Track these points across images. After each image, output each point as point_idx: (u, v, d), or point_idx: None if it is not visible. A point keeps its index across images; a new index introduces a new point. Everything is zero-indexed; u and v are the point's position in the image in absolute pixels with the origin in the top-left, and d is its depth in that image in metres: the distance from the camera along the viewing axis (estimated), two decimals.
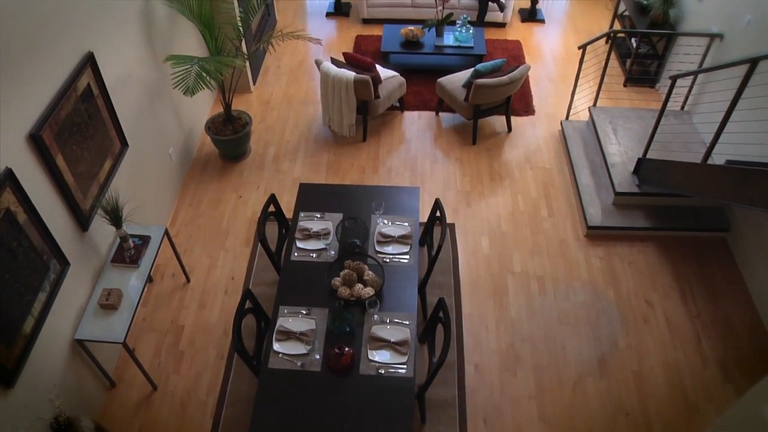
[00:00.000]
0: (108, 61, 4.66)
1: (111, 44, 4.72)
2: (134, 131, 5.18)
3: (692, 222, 5.95)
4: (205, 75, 5.29)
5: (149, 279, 5.47)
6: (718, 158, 5.69)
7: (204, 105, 7.15)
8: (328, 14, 9.47)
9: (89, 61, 4.29)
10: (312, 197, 5.12)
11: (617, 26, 8.62)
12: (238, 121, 6.58)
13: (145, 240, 4.77)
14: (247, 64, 7.35)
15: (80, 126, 4.23)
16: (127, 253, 4.63)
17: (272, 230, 5.99)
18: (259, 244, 5.13)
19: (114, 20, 4.77)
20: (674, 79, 5.51)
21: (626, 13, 8.30)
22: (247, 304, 4.26)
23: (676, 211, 6.03)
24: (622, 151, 6.34)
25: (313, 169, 6.69)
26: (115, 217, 4.41)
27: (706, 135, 6.28)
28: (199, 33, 6.39)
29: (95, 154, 4.46)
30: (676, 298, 5.46)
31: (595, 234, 5.99)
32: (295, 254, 4.62)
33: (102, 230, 4.66)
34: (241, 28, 6.33)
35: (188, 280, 5.57)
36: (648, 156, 5.97)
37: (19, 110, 3.57)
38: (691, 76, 6.36)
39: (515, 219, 6.15)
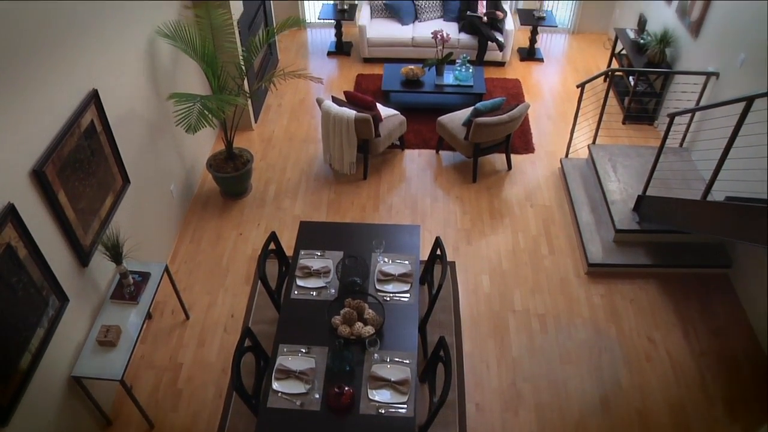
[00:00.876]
0: (112, 98, 4.73)
1: (115, 81, 4.79)
2: (136, 168, 5.22)
3: (694, 258, 5.95)
4: (207, 113, 5.35)
5: (148, 316, 5.45)
6: (717, 195, 5.73)
7: (205, 142, 7.21)
8: (329, 53, 9.61)
9: (93, 98, 4.35)
10: (312, 235, 5.13)
11: (615, 65, 8.75)
12: (239, 159, 6.63)
13: (144, 277, 4.77)
14: (249, 102, 7.44)
15: (83, 162, 4.26)
16: (127, 290, 4.63)
17: (272, 268, 5.99)
18: (259, 281, 5.13)
19: (119, 58, 4.85)
20: (672, 116, 5.58)
21: (623, 52, 8.43)
22: (247, 342, 4.24)
23: (677, 247, 6.03)
24: (621, 188, 6.38)
25: (313, 206, 6.72)
26: (116, 253, 4.42)
27: (705, 172, 6.32)
28: (202, 71, 6.47)
29: (97, 190, 4.49)
30: (679, 336, 5.43)
31: (596, 271, 5.99)
32: (295, 292, 4.62)
33: (102, 266, 4.67)
34: (243, 67, 6.42)
35: (187, 318, 5.54)
36: (648, 193, 6.00)
37: (23, 146, 3.61)
38: (689, 114, 6.43)
39: (516, 257, 6.16)
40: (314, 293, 4.61)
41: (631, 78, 8.02)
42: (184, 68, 6.36)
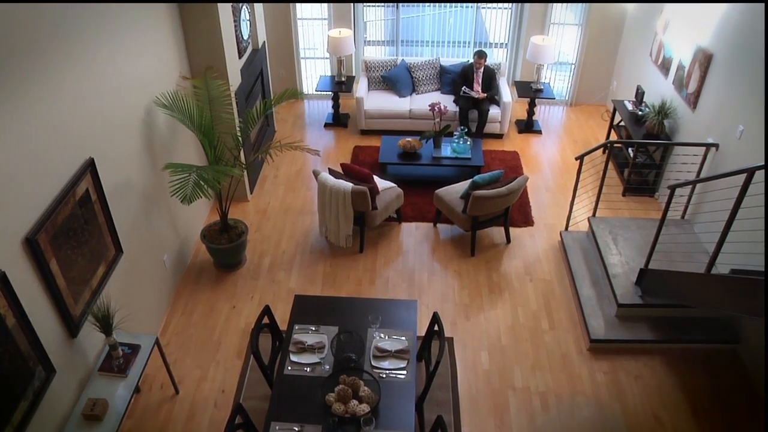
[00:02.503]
0: (108, 167, 4.85)
1: (112, 151, 4.93)
2: (129, 237, 5.30)
3: (700, 334, 5.96)
4: (203, 184, 5.46)
5: (137, 389, 5.39)
6: (722, 268, 5.76)
7: (200, 213, 7.32)
8: (326, 125, 9.85)
9: (89, 167, 4.47)
10: (307, 309, 5.16)
11: (614, 136, 8.96)
12: (234, 230, 6.72)
13: (134, 349, 4.77)
14: (245, 173, 7.58)
15: (76, 231, 4.34)
16: (116, 362, 4.62)
17: (265, 342, 5.97)
18: (252, 356, 5.12)
19: (116, 128, 5.00)
20: (673, 188, 5.69)
21: (622, 123, 8.65)
22: (238, 419, 4.20)
23: (682, 322, 6.05)
24: (623, 261, 6.44)
25: (308, 280, 6.76)
26: (106, 324, 4.44)
27: (708, 244, 6.40)
28: (198, 141, 6.62)
29: (89, 259, 4.55)
30: (687, 414, 5.38)
31: (599, 347, 5.98)
32: (289, 368, 4.61)
33: (91, 337, 4.67)
34: (240, 138, 6.58)
35: (177, 392, 5.50)
36: (650, 266, 6.06)
37: (17, 214, 3.69)
38: (690, 186, 6.55)
39: (515, 332, 6.16)
40: (308, 369, 4.61)
41: (630, 150, 8.20)
42: (181, 138, 6.52)
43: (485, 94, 9.14)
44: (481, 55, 9.07)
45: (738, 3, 6.33)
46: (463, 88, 9.16)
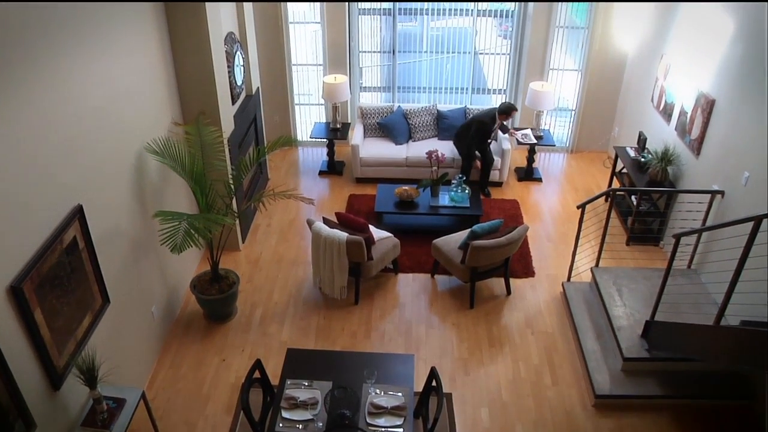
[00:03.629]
0: (96, 214, 4.91)
1: (101, 197, 5.00)
2: (117, 287, 5.32)
3: (711, 389, 5.94)
4: (193, 232, 5.51)
5: None
6: (732, 319, 5.77)
7: (190, 262, 7.35)
8: (320, 173, 9.96)
9: (78, 214, 4.53)
10: (300, 363, 5.16)
11: (616, 184, 9.09)
12: (225, 281, 6.74)
13: (119, 403, 4.74)
14: (237, 222, 7.63)
15: (62, 279, 4.37)
16: (100, 417, 4.59)
17: (256, 397, 5.92)
18: (242, 412, 5.09)
19: (106, 174, 5.08)
20: (678, 237, 5.73)
21: (624, 170, 8.75)
22: None
23: (692, 377, 6.04)
24: (628, 313, 6.46)
25: (301, 332, 6.75)
26: (90, 377, 4.43)
27: (717, 295, 6.42)
28: (189, 189, 6.69)
29: (75, 308, 4.56)
30: None
31: (604, 403, 5.95)
32: (280, 425, 4.59)
33: (75, 390, 4.66)
34: (232, 186, 6.65)
35: None
36: (656, 318, 6.06)
37: (2, 261, 3.73)
38: (696, 234, 6.57)
39: (517, 388, 6.14)
40: (300, 426, 4.59)
41: (633, 197, 8.30)
42: (172, 185, 6.60)
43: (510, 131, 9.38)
44: (509, 111, 8.91)
45: (739, 43, 6.51)
46: (508, 129, 9.41)
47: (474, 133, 8.99)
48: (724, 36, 6.84)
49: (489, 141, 9.13)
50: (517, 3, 9.73)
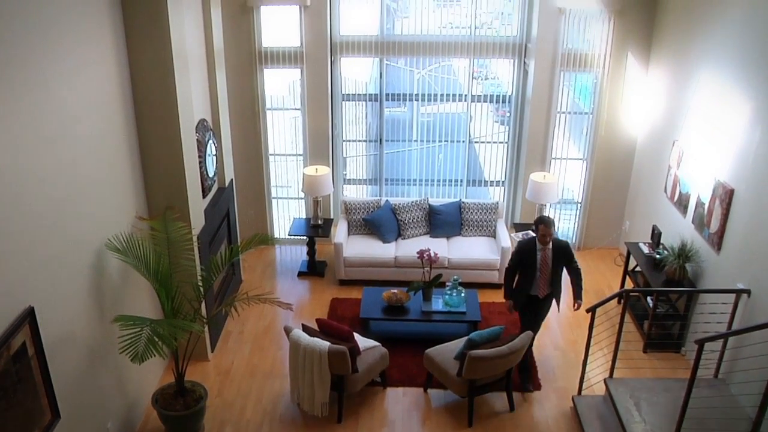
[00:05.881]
0: (49, 317, 4.93)
1: (55, 299, 5.04)
2: (69, 399, 5.28)
3: None
4: (157, 340, 5.52)
5: None
6: None
7: (153, 373, 7.31)
8: (300, 274, 10.02)
9: (28, 317, 4.55)
10: None
11: (629, 284, 9.16)
12: (191, 395, 6.68)
13: None
14: (206, 328, 7.61)
15: (7, 391, 4.35)
16: None
17: None
18: None
19: (61, 273, 5.14)
20: (701, 343, 5.72)
21: (638, 269, 8.83)
22: None
23: None
24: (648, 430, 6.42)
25: None
26: None
27: (750, 408, 6.30)
28: (154, 291, 6.71)
29: (19, 425, 4.51)
30: None
31: None
32: None
33: None
34: (201, 289, 6.68)
35: None
36: None
37: None
38: (722, 339, 6.61)
39: None
40: None
41: (649, 299, 8.30)
42: (134, 286, 6.64)
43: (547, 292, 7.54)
44: (547, 223, 7.21)
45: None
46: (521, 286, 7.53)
47: (511, 257, 7.66)
48: (741, 120, 7.00)
49: (536, 273, 7.36)
50: (514, 86, 10.09)
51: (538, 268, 7.24)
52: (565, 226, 10.91)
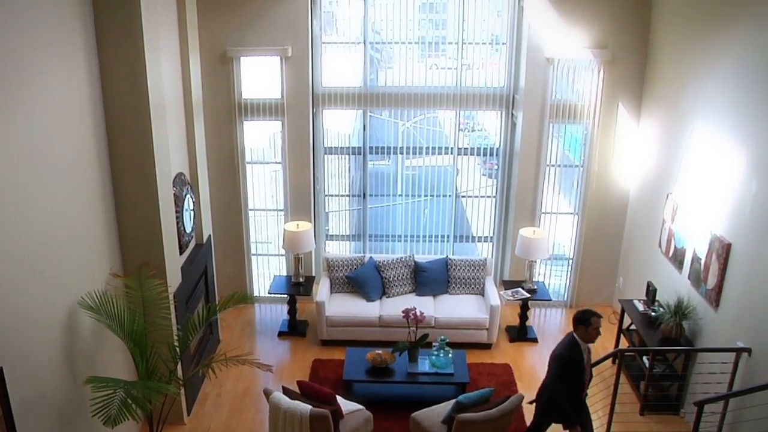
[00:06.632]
0: (18, 378, 4.87)
1: (24, 360, 5.00)
2: None
3: None
4: (131, 402, 5.49)
5: None
6: None
7: None
8: (280, 334, 9.97)
9: None
10: None
11: (624, 343, 9.17)
12: None
13: None
14: (182, 390, 7.52)
15: None
16: None
17: None
18: None
19: (31, 333, 5.11)
20: (701, 404, 5.71)
21: (633, 327, 8.86)
22: None
23: None
24: None
25: None
26: None
27: None
28: (128, 351, 6.66)
29: None
30: None
31: None
32: None
33: None
34: (178, 349, 6.64)
35: None
36: None
37: None
38: (722, 400, 6.58)
39: None
40: None
41: (645, 358, 8.27)
42: (108, 346, 6.59)
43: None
44: (600, 316, 6.68)
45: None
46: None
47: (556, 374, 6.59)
48: (736, 171, 7.05)
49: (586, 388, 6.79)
50: (502, 138, 10.22)
51: (585, 370, 6.57)
52: (557, 283, 10.95)
